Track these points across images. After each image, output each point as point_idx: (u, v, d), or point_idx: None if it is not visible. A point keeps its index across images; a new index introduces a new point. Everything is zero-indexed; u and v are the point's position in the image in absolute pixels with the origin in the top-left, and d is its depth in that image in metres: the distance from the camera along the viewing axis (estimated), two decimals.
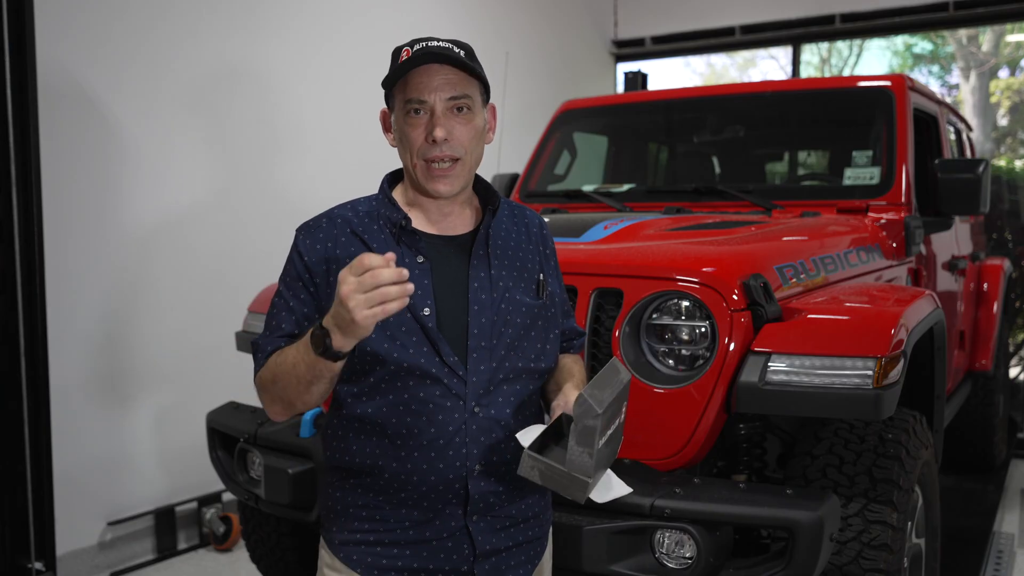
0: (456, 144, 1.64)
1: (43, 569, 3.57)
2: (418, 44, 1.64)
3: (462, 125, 1.65)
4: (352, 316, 1.37)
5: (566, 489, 1.52)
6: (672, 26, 7.40)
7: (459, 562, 1.66)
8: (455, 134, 1.64)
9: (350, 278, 1.37)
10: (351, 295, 1.36)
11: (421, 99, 1.63)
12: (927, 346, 2.83)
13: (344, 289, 1.37)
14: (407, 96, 1.64)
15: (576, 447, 1.49)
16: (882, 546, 2.26)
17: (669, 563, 2.15)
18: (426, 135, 1.63)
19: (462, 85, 1.65)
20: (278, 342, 1.65)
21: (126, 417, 4.04)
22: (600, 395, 1.49)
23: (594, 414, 1.46)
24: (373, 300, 1.36)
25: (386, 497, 1.65)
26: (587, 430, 1.48)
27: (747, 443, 2.61)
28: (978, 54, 8.42)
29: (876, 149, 3.65)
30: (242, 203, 4.46)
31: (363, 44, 5.10)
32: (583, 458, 1.49)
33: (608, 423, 1.53)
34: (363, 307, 1.36)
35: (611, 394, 1.52)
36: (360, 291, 1.36)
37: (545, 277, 1.79)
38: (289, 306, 1.67)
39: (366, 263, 1.36)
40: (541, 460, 1.52)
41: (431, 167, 1.64)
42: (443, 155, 1.63)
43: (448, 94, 1.63)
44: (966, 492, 4.92)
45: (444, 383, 1.62)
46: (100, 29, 3.84)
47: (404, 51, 1.64)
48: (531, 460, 1.53)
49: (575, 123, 4.39)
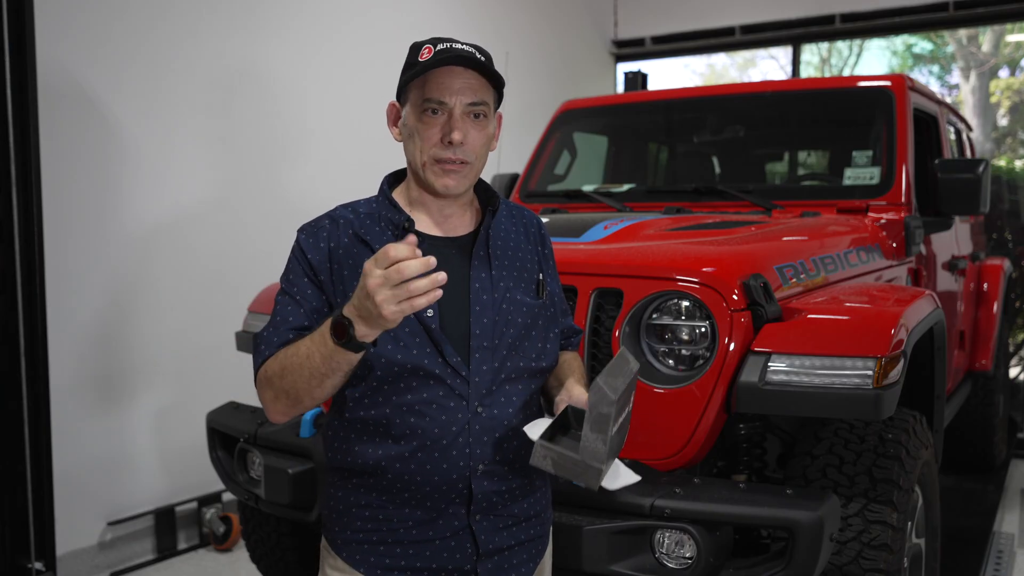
0: (469, 149, 1.65)
1: (43, 569, 3.57)
2: (442, 43, 1.63)
3: (477, 131, 1.66)
4: (380, 311, 1.35)
5: (579, 477, 1.53)
6: (672, 26, 7.40)
7: (462, 561, 1.67)
8: (469, 138, 1.64)
9: (376, 271, 1.33)
10: (378, 289, 1.33)
11: (441, 100, 1.62)
12: (927, 346, 2.83)
13: (371, 283, 1.34)
14: (426, 95, 1.63)
15: (590, 434, 1.51)
16: (882, 546, 2.26)
17: (669, 563, 2.15)
18: (442, 136, 1.63)
19: (482, 91, 1.65)
20: (286, 335, 1.62)
21: (126, 417, 4.04)
22: (614, 383, 1.51)
23: (609, 401, 1.48)
24: (401, 296, 1.33)
25: (389, 497, 1.65)
26: (602, 417, 1.49)
27: (747, 443, 2.61)
28: (978, 54, 8.42)
29: (876, 149, 3.65)
30: (242, 203, 4.46)
31: (363, 44, 5.10)
32: (597, 445, 1.50)
33: (620, 410, 1.55)
34: (391, 302, 1.34)
35: (623, 382, 1.53)
36: (388, 286, 1.33)
37: (544, 277, 1.79)
38: (296, 300, 1.65)
39: (391, 255, 1.32)
40: (554, 449, 1.53)
41: (441, 164, 1.64)
42: (455, 158, 1.64)
43: (469, 99, 1.63)
44: (966, 492, 4.92)
45: (447, 383, 1.62)
46: (100, 29, 3.84)
47: (426, 48, 1.63)
48: (543, 449, 1.54)
49: (575, 123, 4.39)
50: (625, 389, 1.54)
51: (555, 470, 1.54)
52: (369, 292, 1.35)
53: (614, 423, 1.51)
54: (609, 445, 1.51)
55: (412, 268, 1.32)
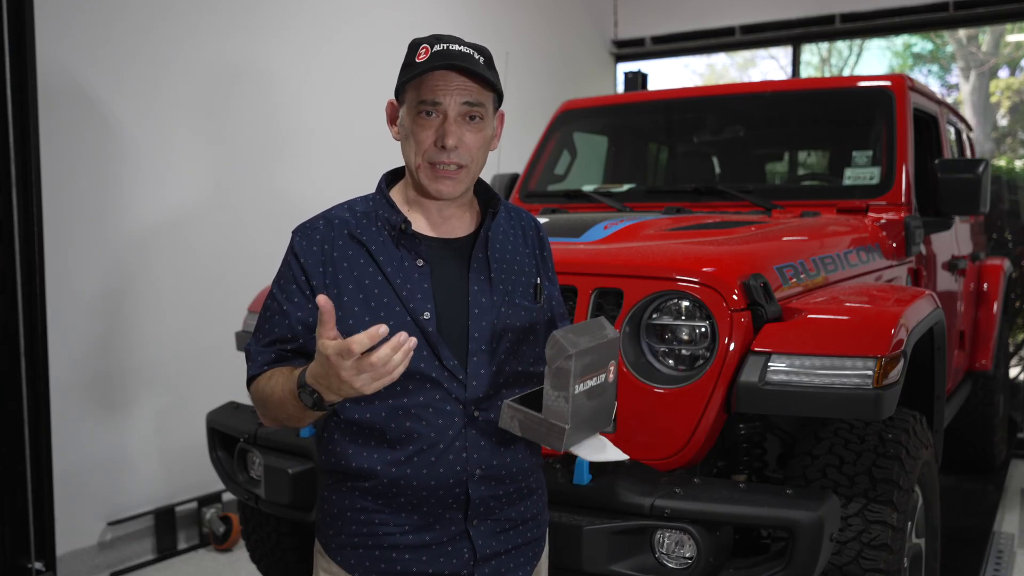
0: (464, 152, 1.63)
1: (43, 569, 3.57)
2: (439, 44, 1.61)
3: (473, 133, 1.63)
4: (361, 391, 1.39)
5: (544, 438, 1.51)
6: (672, 26, 7.40)
7: (459, 566, 1.65)
8: (464, 141, 1.62)
9: (345, 363, 1.36)
10: (354, 377, 1.37)
11: (436, 100, 1.61)
12: (927, 346, 2.83)
13: (344, 374, 1.37)
14: (421, 96, 1.61)
15: (551, 392, 1.48)
16: (882, 546, 2.26)
17: (669, 563, 2.15)
18: (436, 139, 1.61)
19: (478, 93, 1.63)
20: (268, 354, 1.66)
21: (126, 417, 4.04)
22: (575, 339, 1.47)
23: (566, 354, 1.45)
24: (379, 375, 1.37)
25: (385, 501, 1.63)
26: (560, 372, 1.46)
27: (747, 443, 2.61)
28: (978, 54, 8.42)
29: (876, 149, 3.65)
30: (242, 203, 4.46)
31: (363, 44, 5.10)
32: (559, 403, 1.48)
33: (586, 371, 1.51)
34: (370, 383, 1.38)
35: (589, 341, 1.50)
36: (363, 372, 1.37)
37: (542, 281, 1.78)
38: (283, 310, 1.65)
39: (355, 350, 1.33)
40: (520, 409, 1.51)
41: (435, 168, 1.63)
42: (450, 161, 1.62)
43: (463, 99, 1.61)
44: (966, 492, 4.92)
45: (444, 387, 1.61)
46: (100, 29, 3.84)
47: (423, 48, 1.61)
48: (511, 410, 1.52)
49: (575, 123, 4.39)
50: (590, 349, 1.50)
51: (522, 431, 1.52)
52: (344, 380, 1.38)
53: (577, 381, 1.48)
54: (574, 405, 1.48)
55: (384, 357, 1.36)
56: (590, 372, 1.52)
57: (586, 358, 1.49)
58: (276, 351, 1.65)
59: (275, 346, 1.66)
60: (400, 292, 1.61)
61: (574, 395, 1.47)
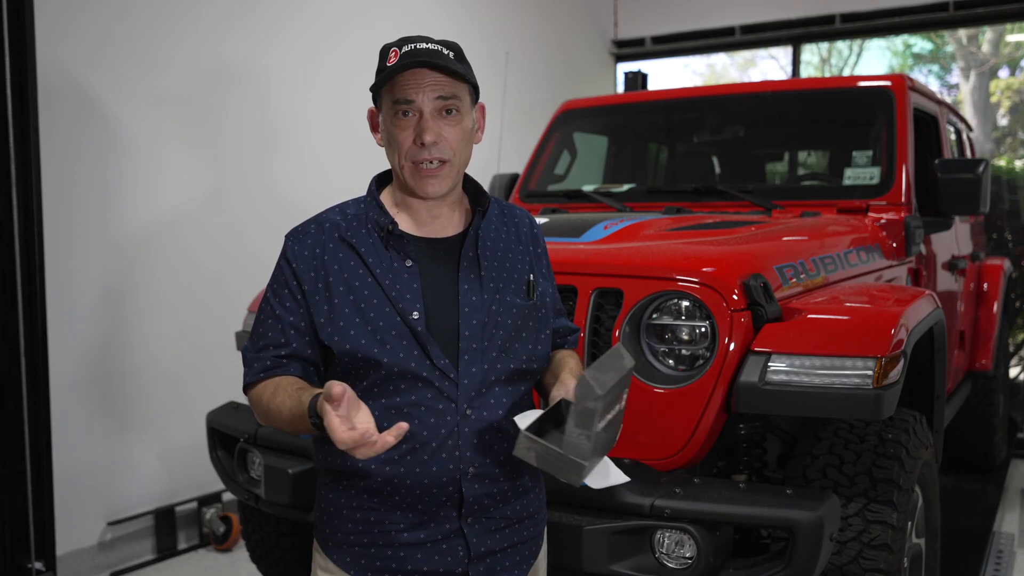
0: (444, 146, 1.64)
1: (43, 569, 3.57)
2: (407, 45, 1.63)
3: (451, 127, 1.65)
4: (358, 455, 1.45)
5: (562, 472, 1.50)
6: (672, 26, 7.40)
7: (453, 564, 1.66)
8: (444, 136, 1.64)
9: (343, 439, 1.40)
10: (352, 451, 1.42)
11: (408, 99, 1.62)
12: (927, 346, 2.83)
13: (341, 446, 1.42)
14: (395, 97, 1.64)
15: (574, 429, 1.48)
16: (882, 546, 2.26)
17: (669, 563, 2.15)
18: (415, 137, 1.63)
19: (451, 86, 1.64)
20: (263, 360, 1.68)
21: (126, 417, 4.04)
22: (602, 378, 1.47)
23: (595, 396, 1.45)
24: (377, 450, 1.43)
25: (380, 499, 1.65)
26: (587, 412, 1.47)
27: (747, 443, 2.61)
28: (978, 54, 8.42)
29: (876, 149, 3.65)
30: (242, 203, 4.46)
31: (363, 44, 5.09)
32: (581, 440, 1.48)
33: (608, 407, 1.52)
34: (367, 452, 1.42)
35: (613, 378, 1.50)
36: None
37: (535, 277, 1.78)
38: (276, 314, 1.67)
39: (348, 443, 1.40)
40: (538, 441, 1.50)
41: (419, 168, 1.64)
42: (431, 157, 1.63)
43: (436, 94, 1.63)
44: (966, 492, 4.92)
45: (435, 386, 1.62)
46: (100, 29, 3.84)
47: (392, 51, 1.64)
48: (527, 441, 1.51)
49: (575, 123, 4.39)
50: (615, 385, 1.51)
51: (538, 463, 1.51)
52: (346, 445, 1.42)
53: (600, 419, 1.49)
54: (594, 442, 1.49)
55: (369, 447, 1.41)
56: (611, 407, 1.54)
57: (609, 395, 1.50)
58: (271, 357, 1.68)
59: (269, 351, 1.68)
60: (389, 292, 1.62)
61: (596, 432, 1.49)
